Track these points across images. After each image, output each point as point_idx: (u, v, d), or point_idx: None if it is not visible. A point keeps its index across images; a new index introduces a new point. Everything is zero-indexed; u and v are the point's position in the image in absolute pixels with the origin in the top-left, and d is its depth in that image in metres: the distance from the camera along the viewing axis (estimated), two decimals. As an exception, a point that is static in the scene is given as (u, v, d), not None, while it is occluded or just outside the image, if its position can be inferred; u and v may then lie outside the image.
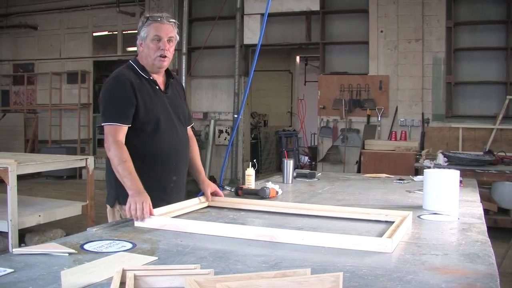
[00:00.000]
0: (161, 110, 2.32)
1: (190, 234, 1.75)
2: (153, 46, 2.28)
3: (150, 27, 2.28)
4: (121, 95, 2.22)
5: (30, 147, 10.91)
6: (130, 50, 10.70)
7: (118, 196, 2.28)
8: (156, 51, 2.27)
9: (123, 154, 2.13)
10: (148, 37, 2.28)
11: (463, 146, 7.25)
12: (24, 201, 5.05)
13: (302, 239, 1.60)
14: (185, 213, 2.16)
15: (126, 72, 2.30)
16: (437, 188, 2.25)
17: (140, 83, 2.29)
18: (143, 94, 2.26)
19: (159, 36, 2.27)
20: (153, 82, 2.34)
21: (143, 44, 2.32)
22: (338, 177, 3.55)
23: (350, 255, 1.49)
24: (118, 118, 2.19)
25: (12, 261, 1.39)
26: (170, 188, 2.37)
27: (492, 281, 1.25)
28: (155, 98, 2.31)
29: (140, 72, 2.32)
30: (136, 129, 2.25)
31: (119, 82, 2.25)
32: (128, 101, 2.22)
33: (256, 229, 1.71)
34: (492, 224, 5.20)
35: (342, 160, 8.31)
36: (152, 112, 2.27)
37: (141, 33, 2.31)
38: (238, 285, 1.04)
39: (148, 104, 2.27)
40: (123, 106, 2.22)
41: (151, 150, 2.28)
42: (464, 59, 7.83)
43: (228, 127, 9.30)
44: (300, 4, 8.59)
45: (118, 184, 2.18)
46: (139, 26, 2.34)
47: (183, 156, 2.43)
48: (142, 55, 2.34)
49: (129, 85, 2.23)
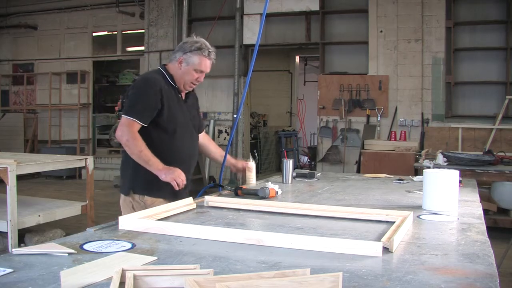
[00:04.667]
0: (181, 115, 2.60)
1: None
2: (193, 75, 2.56)
3: (199, 58, 2.54)
4: (148, 97, 2.47)
5: (30, 147, 10.91)
6: (129, 50, 10.72)
7: (133, 186, 2.55)
8: (194, 81, 2.59)
9: (142, 142, 2.41)
10: (192, 66, 2.54)
11: (462, 146, 7.25)
12: (24, 201, 5.05)
13: (291, 243, 1.56)
14: (183, 211, 2.15)
15: (158, 78, 2.55)
16: (436, 188, 2.25)
17: (168, 89, 2.54)
18: (169, 100, 2.52)
19: (202, 71, 2.58)
20: (178, 91, 2.61)
21: (183, 65, 2.55)
22: (337, 177, 3.54)
23: (350, 255, 1.49)
24: (137, 115, 2.43)
25: (11, 261, 1.39)
26: (184, 186, 2.53)
27: (492, 281, 1.25)
28: (178, 104, 2.59)
29: (169, 80, 2.58)
30: (158, 129, 2.51)
31: (150, 85, 2.50)
32: (152, 104, 2.46)
33: (243, 233, 1.66)
34: (491, 224, 5.21)
35: (341, 160, 8.31)
36: (174, 116, 2.55)
37: (187, 55, 2.53)
38: (237, 285, 1.04)
39: (172, 109, 2.53)
40: (145, 107, 2.46)
41: (170, 149, 2.53)
42: (463, 59, 7.83)
43: (228, 127, 9.30)
44: (300, 4, 8.59)
45: (135, 174, 2.50)
46: (188, 46, 2.54)
47: (194, 159, 2.72)
48: (178, 72, 2.58)
49: (159, 91, 2.48)
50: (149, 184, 2.51)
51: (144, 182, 2.53)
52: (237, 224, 1.95)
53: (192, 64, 2.53)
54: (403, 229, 1.73)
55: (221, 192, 2.72)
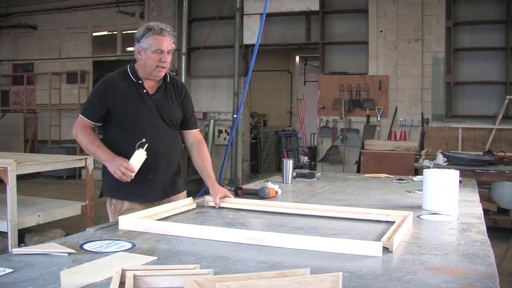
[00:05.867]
0: (143, 109, 2.45)
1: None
2: (154, 58, 2.39)
3: (151, 38, 2.39)
4: (97, 95, 2.47)
5: (30, 147, 10.91)
6: (129, 50, 10.70)
7: (102, 189, 2.53)
8: (157, 63, 2.40)
9: (90, 135, 2.42)
10: (149, 49, 2.40)
11: (462, 146, 7.25)
12: (24, 201, 5.05)
13: (291, 243, 1.57)
14: (183, 212, 2.15)
15: (115, 75, 2.50)
16: (436, 188, 2.25)
17: (126, 85, 2.45)
18: (124, 96, 2.43)
19: (161, 49, 2.39)
20: (139, 86, 2.47)
21: (142, 53, 2.43)
22: (337, 177, 3.54)
23: (350, 255, 1.49)
24: (85, 113, 2.45)
25: (11, 261, 1.39)
26: (147, 186, 2.45)
27: (492, 281, 1.26)
28: (139, 100, 2.45)
29: (130, 75, 2.48)
30: (114, 127, 2.46)
31: (102, 84, 2.49)
32: (100, 102, 2.43)
33: (243, 232, 1.66)
34: (491, 224, 5.21)
35: (341, 160, 8.31)
36: (131, 111, 2.43)
37: (141, 42, 2.42)
38: (237, 285, 1.04)
39: (128, 105, 2.43)
40: (93, 105, 2.46)
41: (129, 146, 2.35)
42: (463, 59, 7.83)
43: (228, 127, 9.30)
44: (300, 4, 8.59)
45: (104, 178, 2.47)
46: (139, 34, 2.44)
47: (164, 156, 2.50)
48: (141, 63, 2.46)
49: (110, 88, 2.43)
50: (112, 186, 2.46)
51: (109, 184, 2.47)
52: (237, 224, 1.95)
53: (148, 48, 2.38)
54: (403, 229, 1.73)
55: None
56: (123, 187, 2.39)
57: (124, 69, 2.53)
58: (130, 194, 2.43)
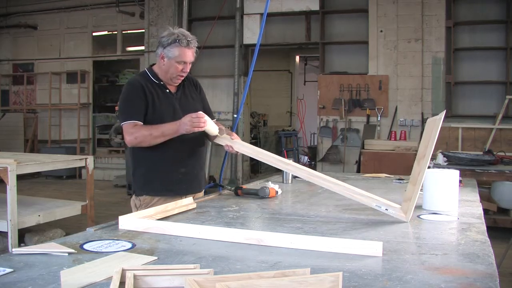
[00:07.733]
0: (168, 109, 2.56)
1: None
2: (177, 68, 2.52)
3: (177, 49, 2.48)
4: (133, 96, 2.52)
5: (30, 147, 10.91)
6: (129, 50, 10.71)
7: (134, 187, 2.65)
8: (179, 72, 2.54)
9: (144, 128, 2.46)
10: (174, 59, 2.50)
11: (462, 146, 7.25)
12: (24, 201, 5.05)
13: (291, 243, 1.56)
14: (183, 211, 2.15)
15: (138, 78, 2.60)
16: (436, 188, 2.25)
17: (152, 86, 2.56)
18: (152, 95, 2.53)
19: (184, 61, 2.51)
20: (162, 86, 2.59)
21: (165, 60, 2.52)
22: (337, 177, 3.53)
23: (350, 255, 1.49)
24: (132, 117, 2.49)
25: (11, 261, 1.39)
26: (178, 180, 2.58)
27: (492, 281, 1.25)
28: (165, 99, 2.57)
29: (152, 77, 2.58)
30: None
31: (131, 86, 2.55)
32: (139, 102, 2.50)
33: (243, 232, 1.65)
34: (491, 224, 5.20)
35: (341, 160, 8.31)
36: (159, 111, 2.53)
37: (166, 49, 2.50)
38: (237, 285, 1.03)
39: (157, 104, 2.53)
40: (135, 106, 2.50)
41: (157, 145, 2.48)
42: (463, 59, 7.83)
43: (228, 127, 9.29)
44: (300, 4, 8.59)
45: (135, 178, 2.61)
46: (166, 41, 2.50)
47: (192, 150, 2.63)
48: (162, 68, 2.56)
49: (140, 87, 2.52)
50: (145, 184, 2.58)
51: (141, 182, 2.60)
52: (237, 224, 1.95)
53: (173, 57, 2.49)
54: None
55: (221, 192, 2.72)
56: (154, 184, 2.53)
57: (143, 72, 2.64)
58: (162, 189, 2.55)
